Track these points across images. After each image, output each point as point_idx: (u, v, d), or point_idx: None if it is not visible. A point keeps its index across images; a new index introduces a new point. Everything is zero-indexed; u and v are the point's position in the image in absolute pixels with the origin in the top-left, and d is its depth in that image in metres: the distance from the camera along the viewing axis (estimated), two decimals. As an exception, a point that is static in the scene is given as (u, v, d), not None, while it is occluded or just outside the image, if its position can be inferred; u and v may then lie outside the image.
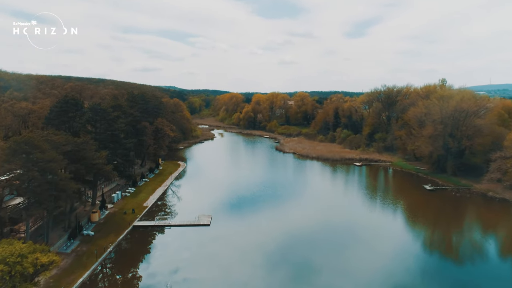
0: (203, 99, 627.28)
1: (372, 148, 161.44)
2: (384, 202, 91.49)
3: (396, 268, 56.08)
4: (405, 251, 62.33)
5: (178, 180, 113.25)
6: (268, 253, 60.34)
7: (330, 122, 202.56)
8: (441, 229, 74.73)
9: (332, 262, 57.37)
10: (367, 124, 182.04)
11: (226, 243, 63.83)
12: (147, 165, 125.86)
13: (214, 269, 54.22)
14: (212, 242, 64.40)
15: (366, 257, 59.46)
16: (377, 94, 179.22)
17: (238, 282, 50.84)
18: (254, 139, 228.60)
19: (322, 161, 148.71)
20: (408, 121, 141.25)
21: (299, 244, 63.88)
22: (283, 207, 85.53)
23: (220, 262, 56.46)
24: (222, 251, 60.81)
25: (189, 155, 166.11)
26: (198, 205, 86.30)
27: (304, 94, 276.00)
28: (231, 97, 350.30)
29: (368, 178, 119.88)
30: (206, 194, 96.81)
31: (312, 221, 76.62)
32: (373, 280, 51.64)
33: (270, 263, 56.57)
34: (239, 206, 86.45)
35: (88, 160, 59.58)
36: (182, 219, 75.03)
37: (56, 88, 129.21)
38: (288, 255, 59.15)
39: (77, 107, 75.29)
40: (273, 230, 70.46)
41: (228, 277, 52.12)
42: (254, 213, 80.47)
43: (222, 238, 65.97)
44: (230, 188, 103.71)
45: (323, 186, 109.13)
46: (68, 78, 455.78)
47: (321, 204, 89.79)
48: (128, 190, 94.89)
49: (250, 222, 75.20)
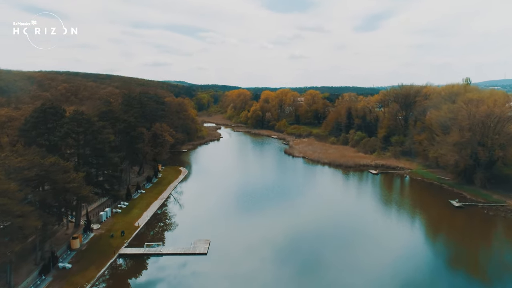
0: (212, 95, 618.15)
1: (388, 153, 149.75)
2: (406, 221, 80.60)
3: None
4: (429, 269, 54.27)
5: (177, 191, 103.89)
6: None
7: (343, 122, 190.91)
8: (473, 251, 64.04)
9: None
10: (382, 126, 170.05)
11: (222, 280, 54.09)
12: (145, 173, 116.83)
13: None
14: (206, 279, 54.71)
15: (387, 280, 52.28)
16: (393, 93, 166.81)
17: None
18: (262, 139, 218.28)
19: (334, 167, 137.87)
20: (429, 125, 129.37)
21: (314, 281, 53.83)
22: (291, 230, 75.35)
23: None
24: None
25: (192, 158, 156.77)
26: (196, 223, 76.90)
27: (314, 92, 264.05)
28: (239, 94, 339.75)
29: (386, 190, 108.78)
30: (206, 209, 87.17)
31: (327, 247, 66.39)
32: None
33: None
34: (242, 227, 76.60)
35: (59, 183, 50.39)
36: (175, 246, 65.39)
37: (49, 89, 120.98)
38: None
39: (57, 117, 66.19)
40: (280, 262, 60.46)
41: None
42: (257, 237, 70.46)
43: (218, 274, 56.23)
44: (233, 202, 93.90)
45: (335, 200, 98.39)
46: (76, 74, 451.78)
47: (335, 226, 79.43)
48: (120, 205, 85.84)
49: (252, 248, 65.25)
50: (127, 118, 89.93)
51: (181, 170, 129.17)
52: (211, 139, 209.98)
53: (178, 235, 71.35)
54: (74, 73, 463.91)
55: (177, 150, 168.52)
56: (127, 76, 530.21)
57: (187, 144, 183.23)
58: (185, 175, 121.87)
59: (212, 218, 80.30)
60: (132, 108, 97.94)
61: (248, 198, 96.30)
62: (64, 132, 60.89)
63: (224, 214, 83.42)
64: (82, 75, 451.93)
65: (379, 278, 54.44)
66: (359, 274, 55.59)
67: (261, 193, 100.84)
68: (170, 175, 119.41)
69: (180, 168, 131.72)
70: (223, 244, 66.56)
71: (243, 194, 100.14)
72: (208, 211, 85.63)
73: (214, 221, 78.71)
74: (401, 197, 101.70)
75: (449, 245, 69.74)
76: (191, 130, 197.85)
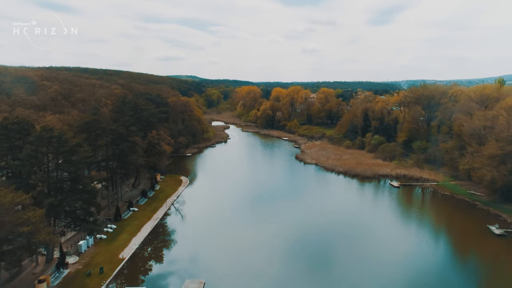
0: (222, 91, 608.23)
1: (410, 161, 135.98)
2: (437, 254, 67.88)
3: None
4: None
5: (174, 207, 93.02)
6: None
7: (359, 125, 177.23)
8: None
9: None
10: (403, 129, 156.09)
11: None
12: (141, 185, 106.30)
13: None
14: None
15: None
16: (415, 94, 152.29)
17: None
18: (272, 141, 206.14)
19: (350, 176, 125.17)
20: (458, 132, 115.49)
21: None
22: (304, 271, 63.52)
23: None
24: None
25: (195, 165, 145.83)
26: (191, 255, 65.83)
27: (328, 91, 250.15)
28: (249, 92, 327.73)
29: (410, 208, 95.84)
30: (204, 234, 75.92)
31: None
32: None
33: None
34: (245, 262, 65.00)
35: (6, 227, 39.68)
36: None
37: (40, 91, 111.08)
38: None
39: (22, 135, 55.67)
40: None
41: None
42: (264, 278, 58.87)
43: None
44: (236, 224, 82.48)
45: (353, 222, 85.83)
46: (85, 70, 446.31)
47: (349, 256, 67.27)
48: (106, 228, 75.29)
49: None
50: (117, 127, 79.00)
51: (181, 179, 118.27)
52: (218, 141, 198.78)
53: (167, 272, 60.28)
54: (83, 69, 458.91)
55: (181, 155, 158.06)
56: (136, 72, 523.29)
57: (191, 148, 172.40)
58: (186, 186, 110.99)
59: (210, 248, 68.98)
60: (124, 116, 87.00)
61: (254, 219, 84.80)
62: (26, 155, 50.23)
63: (224, 242, 71.94)
64: (91, 71, 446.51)
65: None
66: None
67: (269, 212, 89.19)
68: (169, 187, 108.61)
69: (181, 177, 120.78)
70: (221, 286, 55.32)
71: (248, 213, 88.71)
72: (205, 237, 74.33)
73: (212, 251, 67.43)
74: (429, 218, 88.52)
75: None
76: (196, 131, 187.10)
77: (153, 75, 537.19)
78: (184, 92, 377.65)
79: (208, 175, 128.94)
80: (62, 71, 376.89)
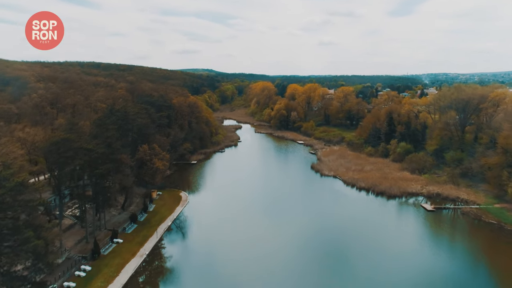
0: (237, 86, 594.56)
1: (443, 176, 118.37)
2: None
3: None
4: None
5: (167, 236, 79.44)
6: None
7: (382, 129, 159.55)
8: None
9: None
10: (433, 136, 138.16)
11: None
12: (134, 204, 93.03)
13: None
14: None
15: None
16: (450, 97, 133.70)
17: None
18: (286, 145, 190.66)
19: (373, 193, 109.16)
20: (505, 146, 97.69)
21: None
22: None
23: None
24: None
25: (200, 174, 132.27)
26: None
27: (347, 90, 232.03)
28: (263, 89, 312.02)
29: (453, 246, 79.37)
30: (202, 274, 61.99)
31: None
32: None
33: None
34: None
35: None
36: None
37: (23, 97, 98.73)
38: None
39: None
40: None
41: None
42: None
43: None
44: (239, 261, 68.11)
45: (381, 270, 70.21)
46: (97, 66, 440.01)
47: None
48: (79, 270, 62.19)
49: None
50: (95, 146, 65.56)
51: (181, 196, 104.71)
52: (228, 145, 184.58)
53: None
54: (96, 64, 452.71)
55: (185, 162, 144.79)
56: (149, 67, 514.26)
57: (198, 153, 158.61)
58: (184, 205, 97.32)
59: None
60: (107, 130, 73.35)
61: (262, 252, 70.26)
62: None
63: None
64: (103, 66, 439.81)
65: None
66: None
67: (278, 245, 74.41)
68: (165, 207, 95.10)
69: (181, 193, 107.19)
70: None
71: (254, 244, 74.21)
72: (203, 282, 60.37)
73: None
74: (482, 266, 71.33)
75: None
76: (204, 135, 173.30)
77: (167, 70, 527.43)
78: (197, 88, 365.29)
79: (211, 190, 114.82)
80: (71, 67, 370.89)
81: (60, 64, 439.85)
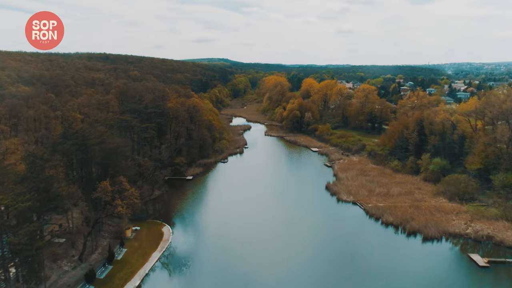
0: (250, 78, 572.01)
1: (492, 207, 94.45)
2: None
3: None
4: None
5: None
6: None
7: (411, 140, 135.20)
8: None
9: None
10: (475, 152, 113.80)
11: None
12: (98, 250, 73.45)
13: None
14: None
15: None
16: (501, 107, 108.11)
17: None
18: (299, 153, 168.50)
19: (404, 230, 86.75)
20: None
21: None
22: None
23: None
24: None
25: (193, 195, 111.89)
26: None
27: (369, 88, 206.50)
28: (276, 84, 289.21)
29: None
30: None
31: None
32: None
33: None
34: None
35: None
36: None
37: None
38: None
39: None
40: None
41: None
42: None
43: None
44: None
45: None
46: (106, 58, 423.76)
47: None
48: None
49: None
50: (13, 201, 45.74)
51: (163, 233, 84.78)
52: (232, 152, 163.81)
53: None
54: (105, 56, 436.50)
55: (180, 178, 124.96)
56: (159, 59, 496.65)
57: (196, 165, 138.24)
58: (164, 248, 77.27)
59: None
60: (42, 171, 52.78)
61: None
62: None
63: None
64: (112, 58, 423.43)
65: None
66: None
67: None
68: (138, 253, 75.05)
69: (163, 228, 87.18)
70: None
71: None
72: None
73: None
74: None
75: None
76: (205, 142, 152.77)
77: (177, 62, 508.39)
78: (206, 83, 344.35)
79: (199, 220, 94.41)
80: (78, 59, 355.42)
81: (69, 55, 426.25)
